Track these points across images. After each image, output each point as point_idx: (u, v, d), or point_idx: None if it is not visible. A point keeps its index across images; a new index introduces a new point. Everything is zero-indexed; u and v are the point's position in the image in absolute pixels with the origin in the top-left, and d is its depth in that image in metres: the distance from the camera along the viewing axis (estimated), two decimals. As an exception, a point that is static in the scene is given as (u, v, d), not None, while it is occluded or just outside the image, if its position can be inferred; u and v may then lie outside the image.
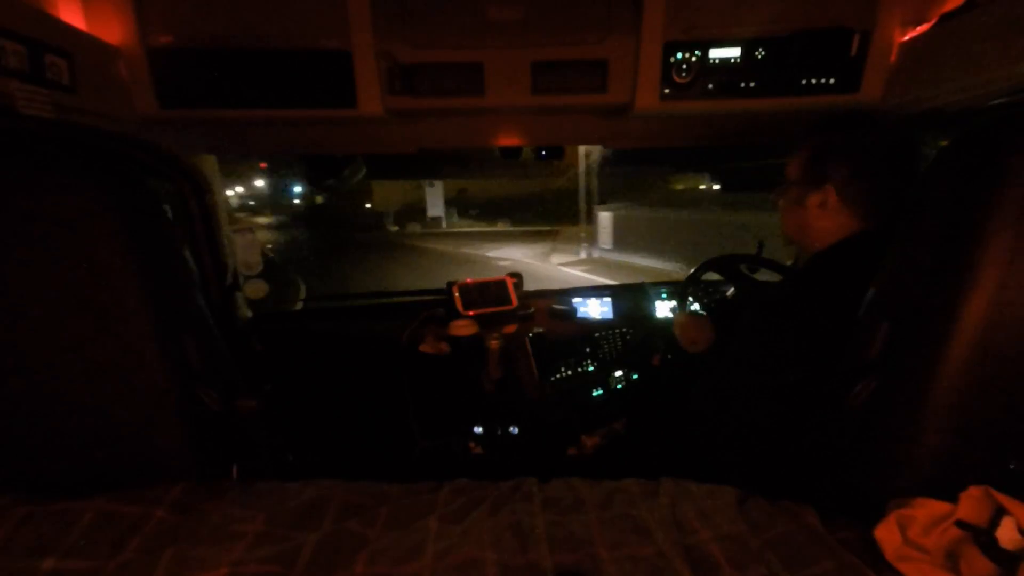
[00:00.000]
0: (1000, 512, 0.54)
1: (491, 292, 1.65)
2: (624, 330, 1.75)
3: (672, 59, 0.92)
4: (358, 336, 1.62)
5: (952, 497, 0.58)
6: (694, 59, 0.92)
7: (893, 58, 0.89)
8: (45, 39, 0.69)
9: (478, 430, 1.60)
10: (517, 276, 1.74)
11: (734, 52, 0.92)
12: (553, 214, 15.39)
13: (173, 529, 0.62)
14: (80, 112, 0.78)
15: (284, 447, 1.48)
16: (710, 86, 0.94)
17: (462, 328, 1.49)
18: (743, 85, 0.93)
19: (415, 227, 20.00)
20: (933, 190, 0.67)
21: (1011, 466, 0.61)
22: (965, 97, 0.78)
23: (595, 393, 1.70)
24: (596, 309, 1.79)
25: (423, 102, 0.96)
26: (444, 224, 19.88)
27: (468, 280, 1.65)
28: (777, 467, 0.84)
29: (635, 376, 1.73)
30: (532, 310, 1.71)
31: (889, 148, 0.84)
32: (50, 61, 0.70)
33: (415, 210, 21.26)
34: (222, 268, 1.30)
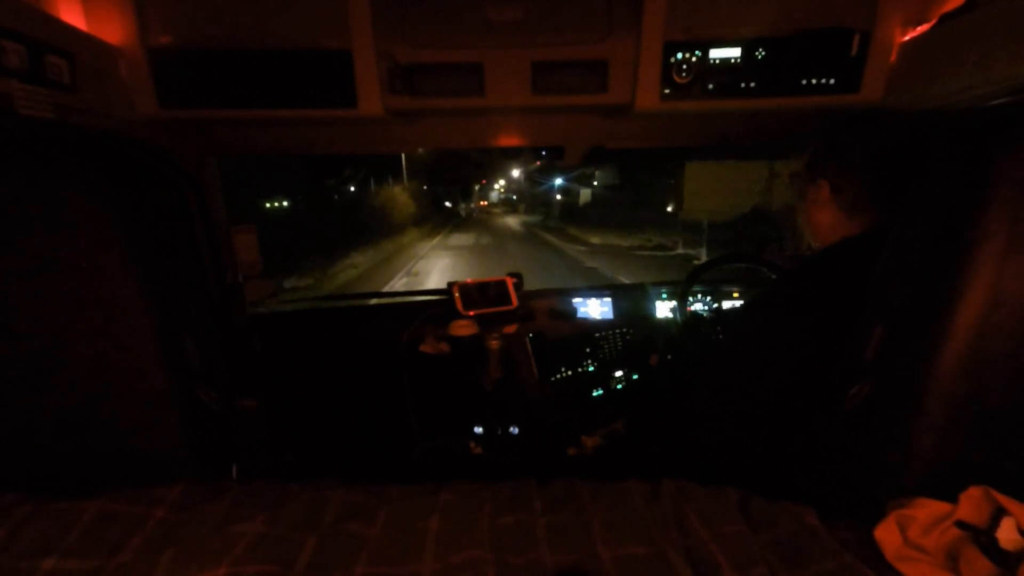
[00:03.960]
0: (1000, 512, 0.54)
1: (491, 292, 1.65)
2: (624, 330, 1.75)
3: (672, 59, 0.92)
4: (358, 336, 1.62)
5: (952, 497, 0.58)
6: (694, 59, 0.92)
7: (893, 58, 0.89)
8: (45, 39, 0.69)
9: (478, 430, 1.60)
10: (517, 276, 1.74)
11: (734, 52, 0.92)
12: None
13: (173, 529, 0.62)
14: (80, 112, 0.78)
15: (284, 447, 1.48)
16: (710, 86, 0.94)
17: (462, 328, 1.49)
18: (743, 85, 0.93)
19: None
20: (926, 192, 0.67)
21: (1007, 466, 0.61)
22: (965, 97, 0.78)
23: (595, 393, 1.70)
24: (596, 309, 1.79)
25: (423, 102, 0.96)
26: None
27: (468, 280, 1.65)
28: (777, 467, 0.84)
29: (635, 376, 1.73)
30: (532, 310, 1.72)
31: (885, 148, 0.84)
32: (50, 61, 0.70)
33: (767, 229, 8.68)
34: (222, 268, 1.30)
